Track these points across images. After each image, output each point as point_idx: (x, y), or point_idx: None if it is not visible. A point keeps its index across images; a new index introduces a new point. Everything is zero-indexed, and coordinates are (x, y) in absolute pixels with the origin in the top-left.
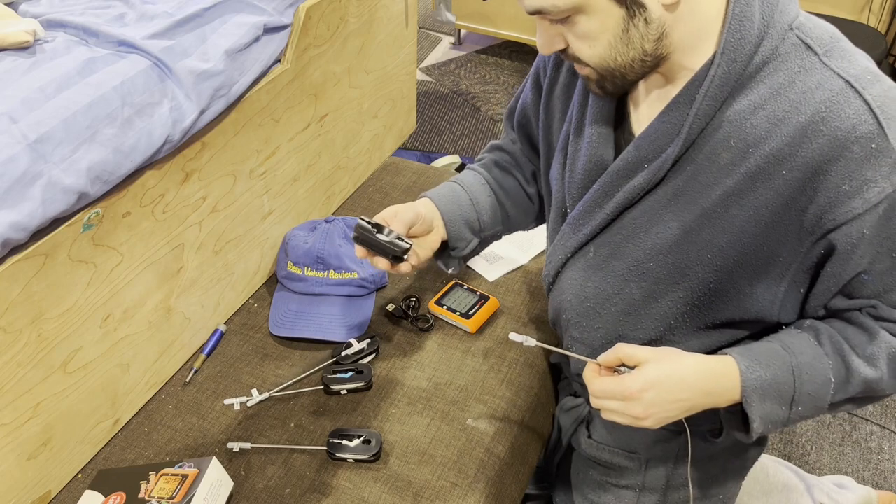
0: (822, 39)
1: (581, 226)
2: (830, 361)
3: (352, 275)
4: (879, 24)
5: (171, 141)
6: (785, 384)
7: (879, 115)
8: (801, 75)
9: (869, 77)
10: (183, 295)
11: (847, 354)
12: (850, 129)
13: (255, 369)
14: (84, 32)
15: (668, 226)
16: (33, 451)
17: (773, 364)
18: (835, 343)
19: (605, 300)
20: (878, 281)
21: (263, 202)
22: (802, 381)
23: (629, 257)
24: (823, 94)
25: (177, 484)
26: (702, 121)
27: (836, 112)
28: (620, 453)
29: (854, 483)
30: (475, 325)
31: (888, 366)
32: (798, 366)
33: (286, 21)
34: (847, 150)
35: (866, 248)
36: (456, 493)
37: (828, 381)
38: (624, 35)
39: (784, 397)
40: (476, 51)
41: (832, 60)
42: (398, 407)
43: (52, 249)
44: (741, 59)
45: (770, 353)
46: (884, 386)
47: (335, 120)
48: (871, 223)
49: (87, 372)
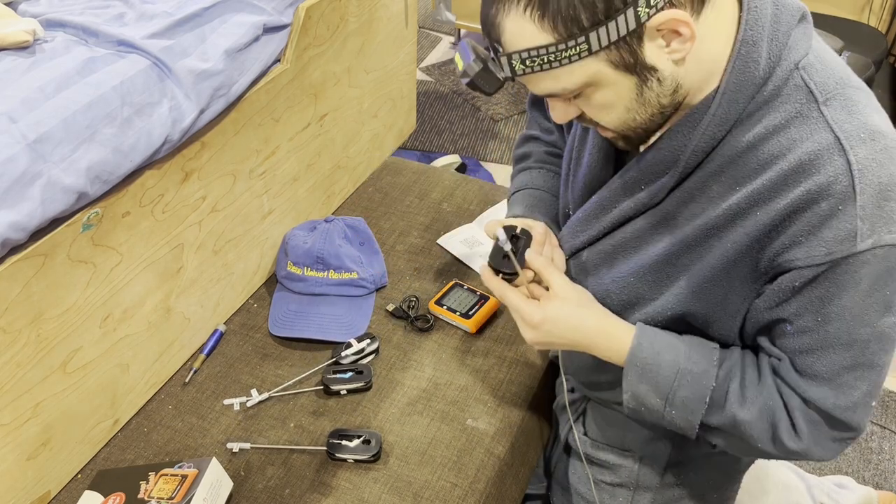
0: (827, 85)
1: (578, 232)
2: (714, 384)
3: (352, 275)
4: (879, 24)
5: (170, 141)
6: (665, 379)
7: (856, 179)
8: (797, 120)
9: (863, 135)
10: (182, 295)
11: (731, 387)
12: (825, 185)
13: (254, 369)
14: (83, 32)
15: (654, 246)
16: (33, 451)
17: (664, 356)
18: (730, 373)
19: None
20: (797, 338)
21: (263, 202)
22: (681, 384)
23: (615, 269)
24: (811, 146)
25: (176, 484)
26: (698, 156)
27: (817, 166)
28: (614, 451)
29: (854, 483)
30: (475, 325)
31: (759, 417)
32: (683, 371)
33: (286, 21)
34: (815, 204)
35: (795, 301)
36: (456, 493)
37: (702, 399)
38: (639, 98)
39: (660, 390)
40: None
41: (830, 110)
42: (398, 407)
43: (52, 249)
44: (742, 100)
45: (669, 347)
46: (752, 431)
47: (335, 120)
48: (807, 280)
49: (86, 372)
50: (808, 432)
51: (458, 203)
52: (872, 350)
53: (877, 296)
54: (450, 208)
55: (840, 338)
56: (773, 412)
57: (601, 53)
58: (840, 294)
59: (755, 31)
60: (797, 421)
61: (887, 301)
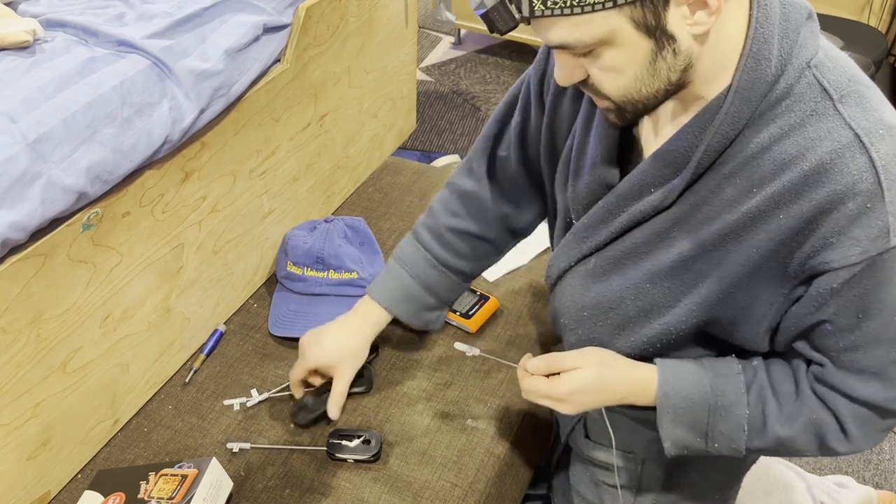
0: (840, 83)
1: (584, 239)
2: (748, 411)
3: (352, 275)
4: (879, 24)
5: (170, 141)
6: (699, 420)
7: (881, 176)
8: (812, 119)
9: (881, 131)
10: (182, 295)
11: (768, 409)
12: (850, 184)
13: (254, 369)
14: (83, 32)
15: (667, 252)
16: (33, 451)
17: (693, 397)
18: (761, 395)
19: (600, 312)
20: (839, 336)
21: (263, 202)
22: (716, 420)
23: (627, 275)
24: (831, 145)
25: (176, 484)
26: (710, 156)
27: (839, 166)
28: (617, 453)
29: (855, 483)
30: (475, 325)
31: (803, 431)
32: (716, 407)
33: (286, 21)
34: (842, 205)
35: (834, 302)
36: (456, 493)
37: (741, 428)
38: (651, 67)
39: (698, 430)
40: (476, 51)
41: (846, 108)
42: (398, 407)
43: (52, 249)
44: (755, 98)
45: (694, 385)
46: (798, 446)
47: (335, 120)
48: (845, 280)
49: (86, 372)
50: (859, 433)
51: None
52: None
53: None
54: None
55: (884, 333)
56: (818, 425)
57: (625, 8)
58: (879, 290)
59: (766, 29)
60: (847, 426)
61: None
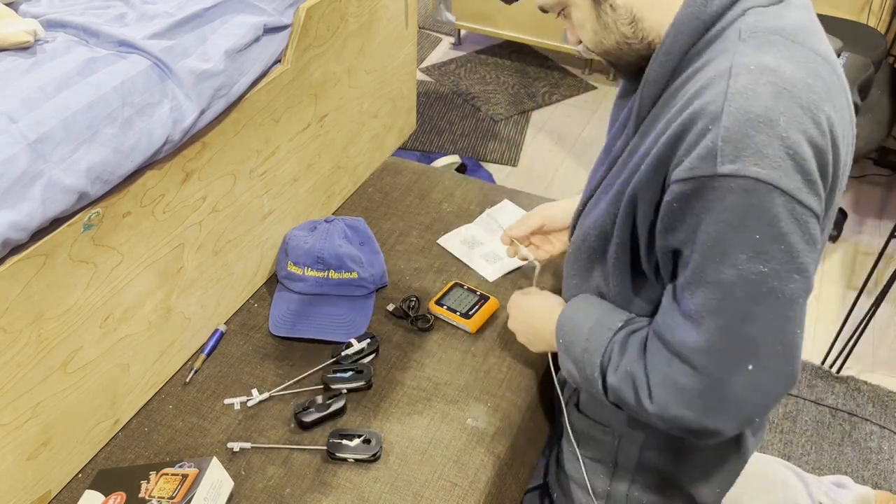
0: (757, 27)
1: (590, 181)
2: (601, 360)
3: (352, 275)
4: (879, 24)
5: (171, 141)
6: (576, 357)
7: (727, 102)
8: (718, 56)
9: (752, 67)
10: (183, 295)
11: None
12: (703, 106)
13: (255, 369)
14: (84, 32)
15: (617, 182)
16: (33, 451)
17: (573, 335)
18: (618, 345)
19: (578, 246)
20: (682, 273)
21: (263, 202)
22: (585, 361)
23: (598, 209)
24: (710, 74)
25: (177, 484)
26: (651, 87)
27: (706, 91)
28: (596, 426)
29: (853, 483)
30: (475, 325)
31: (624, 379)
32: (585, 349)
33: (286, 21)
34: (694, 125)
35: (677, 224)
36: (456, 492)
37: (595, 370)
38: (600, 21)
39: (578, 368)
40: (476, 51)
41: (743, 46)
42: (398, 407)
43: (52, 249)
44: (687, 32)
45: (578, 326)
46: (623, 396)
47: (335, 120)
48: (676, 196)
49: (86, 372)
50: (661, 392)
51: (458, 203)
52: (738, 296)
53: (743, 236)
54: (450, 208)
55: (707, 272)
56: (634, 376)
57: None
58: (705, 219)
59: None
60: (651, 379)
61: (756, 246)
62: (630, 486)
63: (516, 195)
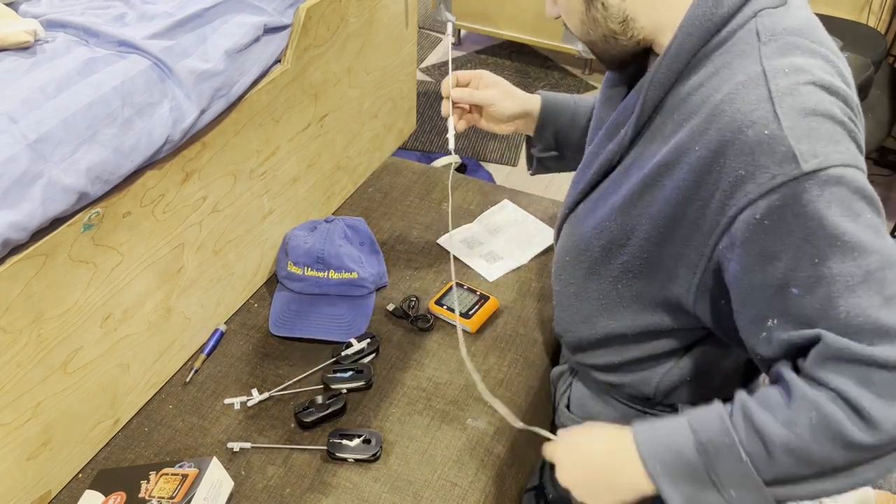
0: (775, 29)
1: (577, 183)
2: (737, 436)
3: (352, 275)
4: (879, 24)
5: (171, 141)
6: (693, 465)
7: (776, 104)
8: (738, 59)
9: (787, 70)
10: (183, 295)
11: (759, 425)
12: (747, 112)
13: (255, 369)
14: (84, 32)
15: (624, 188)
16: (33, 451)
17: (675, 445)
18: (746, 413)
19: (576, 256)
20: (812, 297)
21: (263, 202)
22: (710, 460)
23: (597, 216)
24: (740, 78)
25: (177, 484)
26: (655, 94)
27: (741, 95)
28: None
29: None
30: (475, 325)
31: (812, 435)
32: (702, 444)
33: (286, 21)
34: (741, 133)
35: (769, 242)
36: (456, 492)
37: (739, 458)
38: (587, 15)
39: (699, 478)
40: (476, 51)
41: (766, 48)
42: (398, 407)
43: (53, 249)
44: (697, 34)
45: (673, 431)
46: (817, 457)
47: (335, 120)
48: (768, 211)
49: (87, 372)
50: (879, 405)
51: (459, 203)
52: (892, 278)
53: (861, 220)
54: (450, 208)
55: (853, 274)
56: (826, 419)
57: None
58: (817, 224)
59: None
60: (861, 402)
61: (874, 225)
62: None
63: (516, 195)
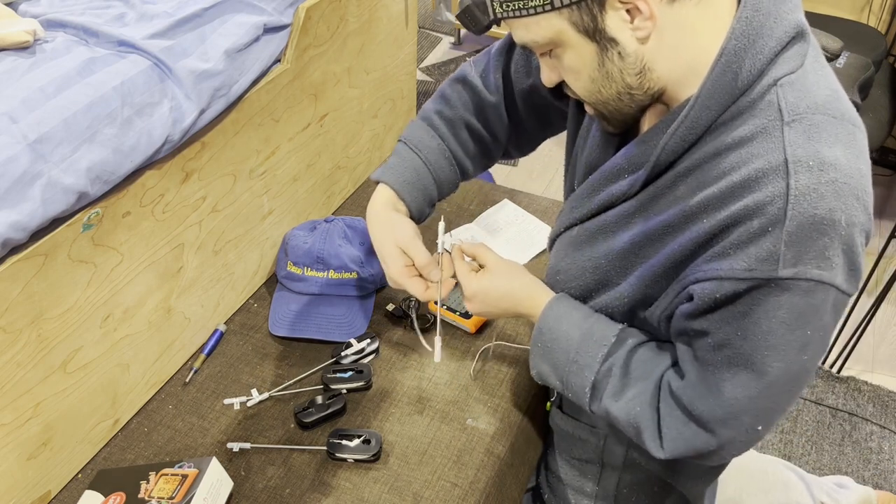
0: (798, 106)
1: (574, 209)
2: (594, 377)
3: (352, 275)
4: (879, 24)
5: (171, 141)
6: (558, 364)
7: (790, 204)
8: (760, 136)
9: (811, 163)
10: (183, 295)
11: (609, 383)
12: (761, 203)
13: (255, 369)
14: (84, 32)
15: (625, 234)
16: (33, 451)
17: (557, 344)
18: (611, 369)
19: (568, 279)
20: (716, 353)
21: (263, 202)
22: (570, 372)
23: (594, 250)
24: (762, 164)
25: (177, 484)
26: (669, 155)
27: (761, 184)
28: (581, 426)
29: (854, 483)
30: (475, 325)
31: (626, 417)
32: (571, 361)
33: (286, 21)
34: (749, 221)
35: (718, 314)
36: (456, 492)
37: (584, 388)
38: (601, 68)
39: (556, 373)
40: (476, 51)
41: (790, 132)
42: (398, 407)
43: (52, 249)
44: (716, 107)
45: (565, 334)
46: (622, 427)
47: (335, 120)
48: (727, 294)
49: (87, 372)
50: (675, 446)
51: (458, 203)
52: (781, 384)
53: (797, 333)
54: (450, 208)
55: (753, 360)
56: (639, 418)
57: (564, 11)
58: (759, 317)
59: (740, 42)
60: (666, 433)
61: (804, 340)
62: (618, 486)
63: (516, 195)
